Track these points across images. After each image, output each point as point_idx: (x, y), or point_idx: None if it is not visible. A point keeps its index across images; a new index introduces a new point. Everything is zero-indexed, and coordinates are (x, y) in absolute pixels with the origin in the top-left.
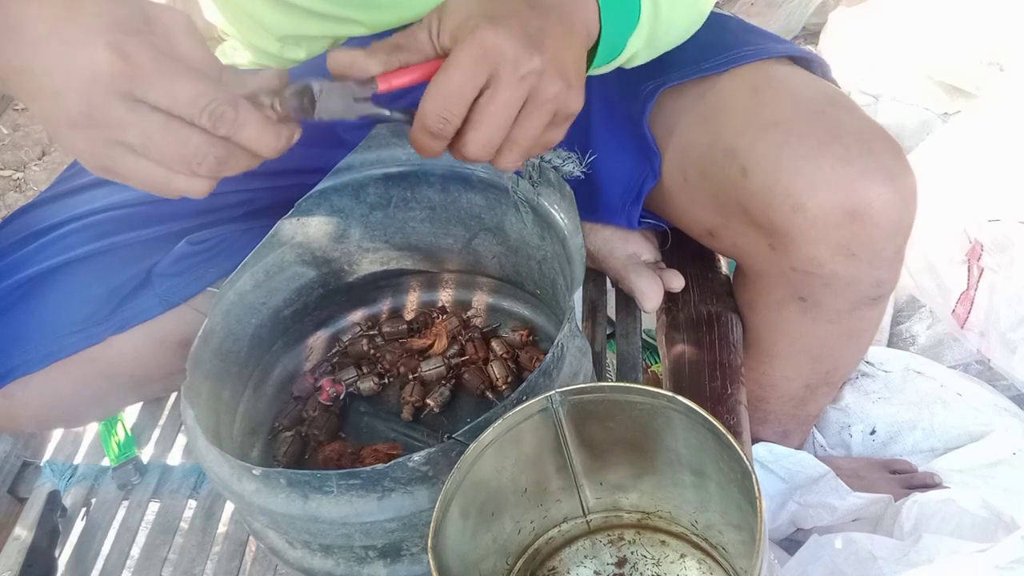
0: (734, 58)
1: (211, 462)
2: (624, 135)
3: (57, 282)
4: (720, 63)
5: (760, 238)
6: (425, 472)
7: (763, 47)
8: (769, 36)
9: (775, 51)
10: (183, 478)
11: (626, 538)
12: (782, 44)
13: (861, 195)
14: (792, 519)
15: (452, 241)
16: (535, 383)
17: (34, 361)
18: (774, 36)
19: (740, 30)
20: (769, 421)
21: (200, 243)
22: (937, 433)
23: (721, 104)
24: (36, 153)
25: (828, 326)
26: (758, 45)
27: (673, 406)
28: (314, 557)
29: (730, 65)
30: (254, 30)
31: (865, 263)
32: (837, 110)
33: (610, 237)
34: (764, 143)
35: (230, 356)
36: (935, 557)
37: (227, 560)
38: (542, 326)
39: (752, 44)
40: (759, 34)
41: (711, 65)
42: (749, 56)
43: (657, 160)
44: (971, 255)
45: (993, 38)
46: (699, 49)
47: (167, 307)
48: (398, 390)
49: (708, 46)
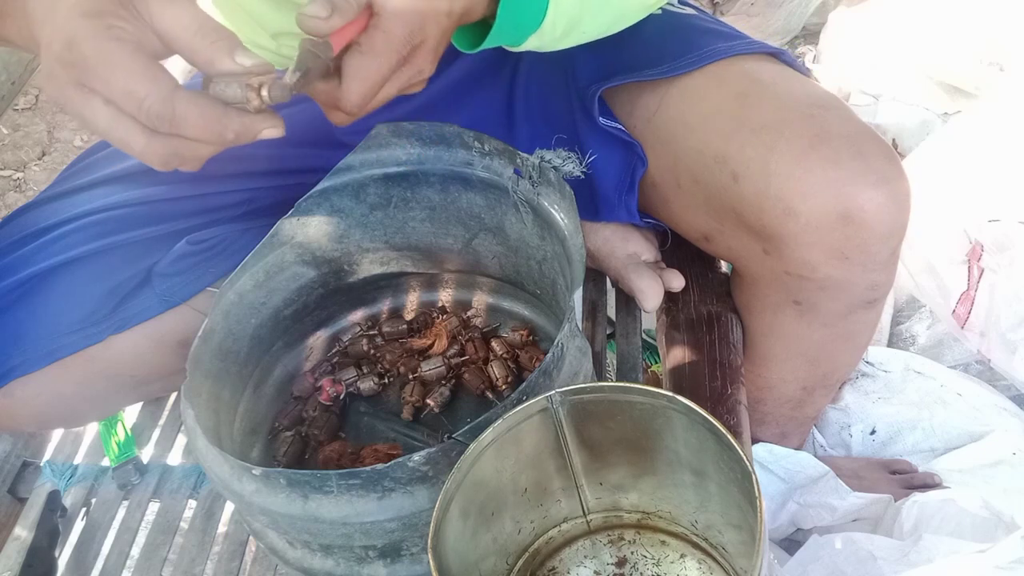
0: (700, 58)
1: (211, 462)
2: (604, 133)
3: (57, 281)
4: (683, 64)
5: (754, 242)
6: (425, 472)
7: (713, 48)
8: (719, 34)
9: (726, 51)
10: (183, 478)
11: (626, 538)
12: (731, 42)
13: (852, 198)
14: (792, 519)
15: (452, 241)
16: (535, 383)
17: (34, 360)
18: (723, 33)
19: (696, 30)
20: (767, 423)
21: (200, 243)
22: (937, 433)
23: (709, 110)
24: (36, 153)
25: (824, 329)
26: (715, 45)
27: (673, 406)
28: (314, 557)
29: (695, 65)
30: (249, 25)
31: (859, 266)
32: (826, 112)
33: (610, 237)
34: (753, 148)
35: (230, 356)
36: (935, 557)
37: (227, 560)
38: (542, 326)
39: (708, 45)
40: (716, 34)
41: (673, 66)
42: (715, 55)
43: (638, 147)
44: (971, 255)
45: (993, 38)
46: (650, 49)
47: (167, 307)
48: (398, 390)
49: (662, 46)
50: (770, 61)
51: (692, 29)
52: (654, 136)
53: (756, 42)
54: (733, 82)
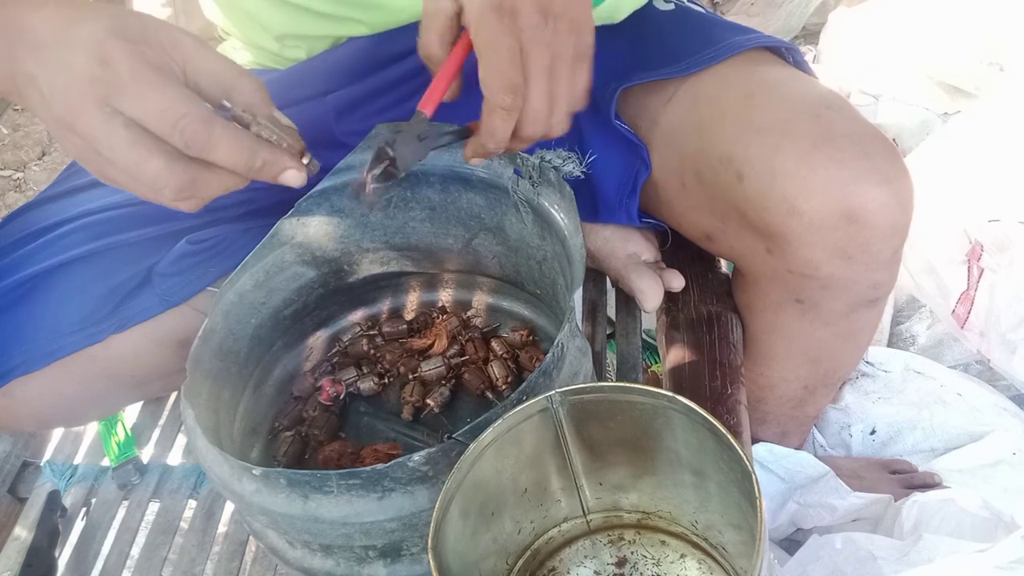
0: (719, 51)
1: (211, 462)
2: (609, 134)
3: (57, 281)
4: (704, 59)
5: (757, 241)
6: (425, 472)
7: (731, 42)
8: (735, 28)
9: (744, 44)
10: (183, 478)
11: (626, 538)
12: (749, 35)
13: (856, 198)
14: (792, 519)
15: (452, 241)
16: (535, 383)
17: (34, 360)
18: (738, 27)
19: (713, 24)
20: (768, 422)
21: (200, 243)
22: (937, 433)
23: (715, 111)
24: (36, 153)
25: (826, 328)
26: (724, 41)
27: (673, 406)
28: (314, 557)
29: (717, 59)
30: (254, 29)
31: (861, 265)
32: (831, 112)
33: (610, 237)
34: (759, 148)
35: (230, 356)
36: (935, 557)
37: (227, 560)
38: (542, 326)
39: (727, 39)
40: (723, 27)
41: (685, 65)
42: (721, 53)
43: (644, 151)
44: (971, 255)
45: (993, 38)
46: (666, 47)
47: (167, 307)
48: (398, 390)
49: (674, 45)
50: (778, 63)
51: (709, 23)
52: (659, 137)
53: (770, 36)
54: (740, 83)
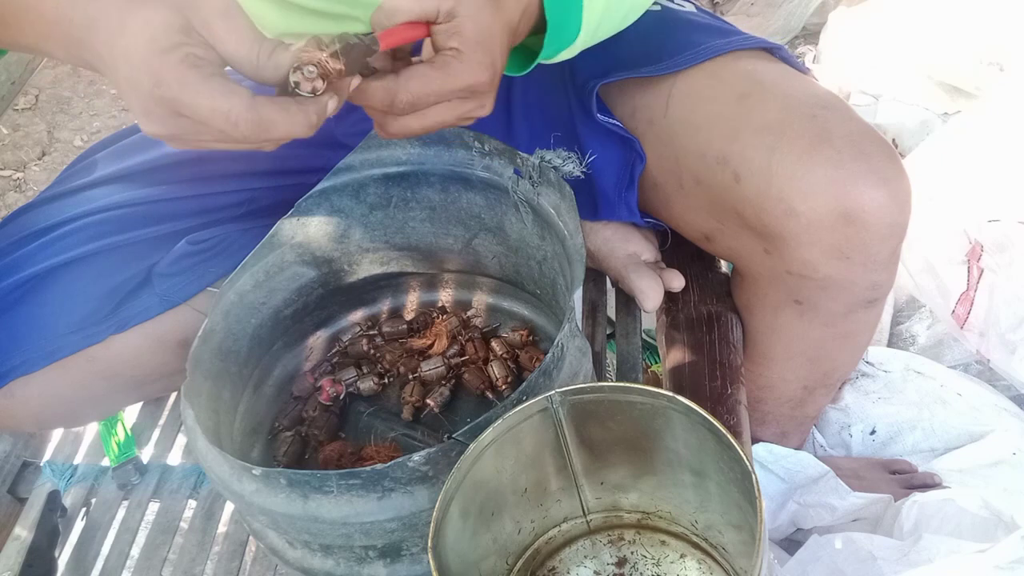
0: (696, 55)
1: (211, 462)
2: (602, 132)
3: (57, 282)
4: (680, 61)
5: (755, 242)
6: (425, 472)
7: (710, 45)
8: (717, 31)
9: (723, 48)
10: (183, 478)
11: (626, 538)
12: (729, 38)
13: (853, 198)
14: (792, 519)
15: (452, 241)
16: (535, 383)
17: (34, 360)
18: (720, 30)
19: (693, 26)
20: (767, 422)
21: (200, 243)
22: (937, 433)
23: (711, 112)
24: (36, 153)
25: (824, 328)
26: (703, 44)
27: (673, 406)
28: (314, 557)
29: (693, 62)
30: None
31: (860, 266)
32: (828, 112)
33: (610, 237)
34: (756, 148)
35: (230, 356)
36: (935, 557)
37: (227, 560)
38: (542, 326)
39: (705, 42)
40: (705, 30)
41: (664, 66)
42: (712, 51)
43: (636, 143)
44: (971, 255)
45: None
46: (648, 46)
47: (167, 307)
48: (398, 390)
49: (656, 46)
50: (771, 60)
51: (689, 26)
52: (657, 138)
53: (752, 37)
54: (735, 83)
